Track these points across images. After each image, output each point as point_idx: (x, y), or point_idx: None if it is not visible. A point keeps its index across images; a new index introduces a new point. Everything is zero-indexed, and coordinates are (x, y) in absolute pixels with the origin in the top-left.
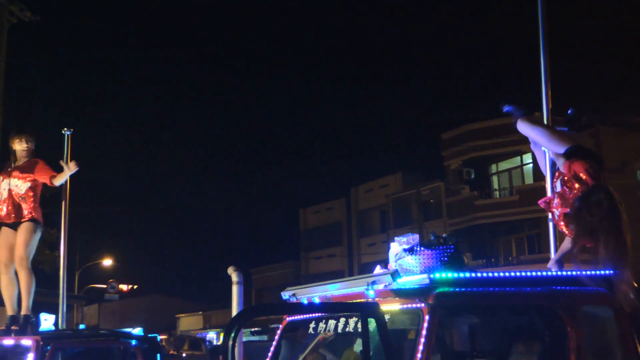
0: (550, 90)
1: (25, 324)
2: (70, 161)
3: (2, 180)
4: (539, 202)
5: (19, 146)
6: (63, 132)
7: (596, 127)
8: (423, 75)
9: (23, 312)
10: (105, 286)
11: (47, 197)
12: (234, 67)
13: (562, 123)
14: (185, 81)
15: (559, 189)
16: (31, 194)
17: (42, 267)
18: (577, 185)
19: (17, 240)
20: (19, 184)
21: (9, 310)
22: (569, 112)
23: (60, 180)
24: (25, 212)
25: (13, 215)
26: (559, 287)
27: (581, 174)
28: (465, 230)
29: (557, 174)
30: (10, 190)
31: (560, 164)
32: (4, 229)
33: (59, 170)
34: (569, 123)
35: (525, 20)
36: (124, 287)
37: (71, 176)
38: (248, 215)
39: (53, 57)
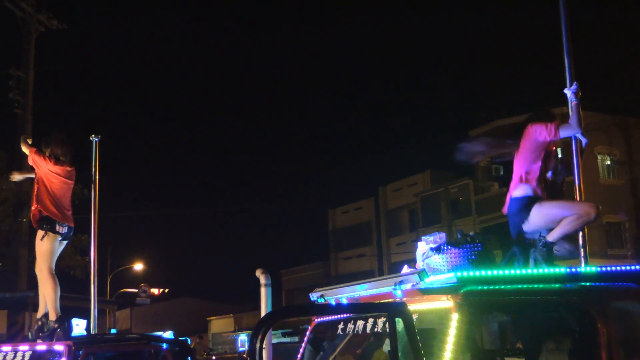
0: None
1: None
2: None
3: None
4: None
5: None
6: (91, 138)
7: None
8: (451, 72)
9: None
10: (136, 290)
11: (77, 204)
12: (264, 68)
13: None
14: (214, 83)
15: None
16: (43, 189)
17: (73, 273)
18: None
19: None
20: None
21: (52, 315)
22: None
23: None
24: (38, 211)
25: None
26: (588, 283)
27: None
28: (495, 227)
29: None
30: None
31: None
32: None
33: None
34: None
35: (550, 14)
36: (155, 291)
37: (100, 181)
38: (277, 216)
39: (80, 64)
